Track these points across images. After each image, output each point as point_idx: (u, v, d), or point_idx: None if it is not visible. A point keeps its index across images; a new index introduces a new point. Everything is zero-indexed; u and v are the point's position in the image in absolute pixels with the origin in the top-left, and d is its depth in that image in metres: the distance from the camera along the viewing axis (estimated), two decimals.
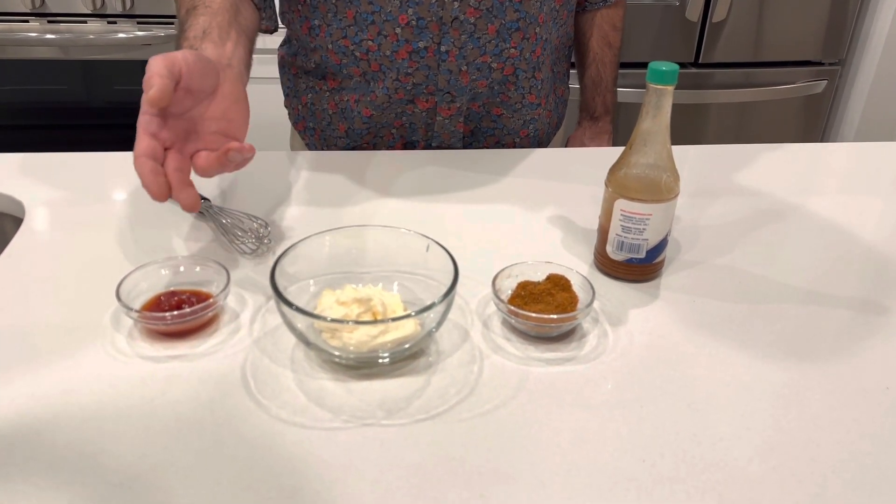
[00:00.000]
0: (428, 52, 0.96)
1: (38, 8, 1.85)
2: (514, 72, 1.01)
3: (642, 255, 0.73)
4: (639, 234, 0.72)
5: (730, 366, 0.64)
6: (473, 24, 0.95)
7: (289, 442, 0.55)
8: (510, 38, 0.98)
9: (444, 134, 1.05)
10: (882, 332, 0.69)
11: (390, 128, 1.05)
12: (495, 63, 0.99)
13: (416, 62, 0.97)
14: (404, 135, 1.06)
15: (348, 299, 0.63)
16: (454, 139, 1.06)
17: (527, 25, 0.98)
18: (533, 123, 1.09)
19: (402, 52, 0.96)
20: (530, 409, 0.59)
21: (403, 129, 1.05)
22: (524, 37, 0.99)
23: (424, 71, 0.98)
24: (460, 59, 0.97)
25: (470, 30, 0.95)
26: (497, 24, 0.96)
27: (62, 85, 1.99)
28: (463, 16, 0.94)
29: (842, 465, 0.54)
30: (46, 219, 0.84)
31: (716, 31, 2.02)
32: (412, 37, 0.95)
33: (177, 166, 0.64)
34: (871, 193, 0.98)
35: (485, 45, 0.97)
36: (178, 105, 0.65)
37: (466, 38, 0.96)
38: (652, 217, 0.71)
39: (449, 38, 0.95)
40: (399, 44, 0.96)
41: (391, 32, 0.95)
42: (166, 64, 0.62)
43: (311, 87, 1.07)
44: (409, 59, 0.97)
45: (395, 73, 0.98)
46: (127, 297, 0.65)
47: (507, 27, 0.97)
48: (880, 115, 2.20)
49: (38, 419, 0.56)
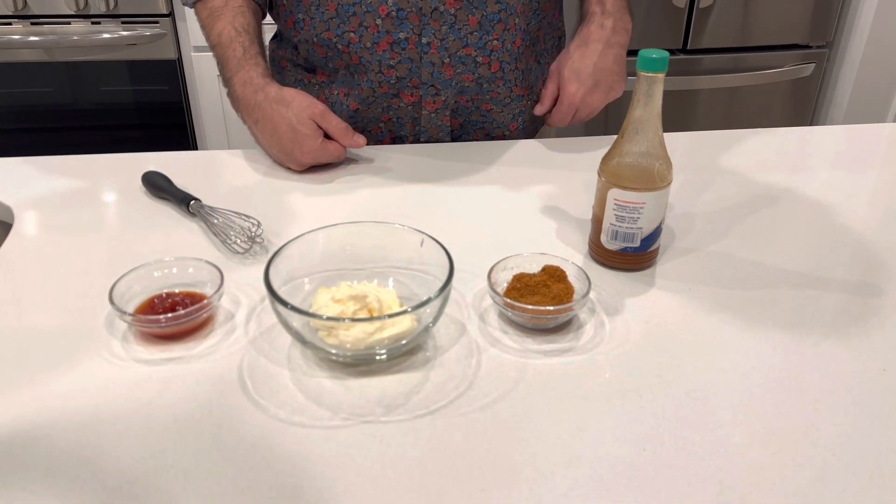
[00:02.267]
0: (409, 44, 0.96)
1: (21, 10, 1.83)
2: (501, 66, 1.01)
3: (637, 243, 0.73)
4: (633, 223, 0.72)
5: (727, 352, 0.64)
6: (454, 15, 0.95)
7: (288, 441, 0.54)
8: (492, 30, 0.98)
9: (432, 128, 1.04)
10: (877, 314, 0.70)
11: (377, 122, 1.05)
12: (480, 56, 0.99)
13: (398, 54, 0.97)
14: (392, 129, 1.05)
15: (344, 297, 0.63)
16: (442, 133, 1.05)
17: (508, 16, 0.98)
18: (521, 116, 1.08)
19: (384, 44, 0.96)
20: (529, 401, 0.59)
21: (391, 123, 1.05)
22: (505, 28, 0.99)
23: (407, 63, 0.98)
24: (442, 51, 0.97)
25: (450, 21, 0.95)
26: (478, 15, 0.96)
27: (48, 87, 1.97)
28: (443, 6, 0.94)
29: (842, 449, 0.55)
30: (36, 223, 0.83)
31: (703, 16, 2.02)
32: (393, 28, 0.95)
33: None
34: (861, 175, 0.98)
35: (466, 36, 0.96)
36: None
37: (447, 30, 0.95)
38: (646, 205, 0.71)
39: (430, 30, 0.95)
40: (380, 35, 0.95)
41: (372, 24, 0.95)
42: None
43: (300, 80, 1.07)
44: (390, 50, 0.96)
45: (378, 65, 0.98)
46: (120, 301, 0.65)
47: (488, 18, 0.97)
48: (869, 97, 2.21)
49: (35, 425, 0.55)
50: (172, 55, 1.94)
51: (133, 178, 0.91)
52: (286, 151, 0.93)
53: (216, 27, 0.98)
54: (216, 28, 0.98)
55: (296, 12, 1.00)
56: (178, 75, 1.98)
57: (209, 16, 0.99)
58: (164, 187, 0.87)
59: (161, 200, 0.87)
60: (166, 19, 1.90)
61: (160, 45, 1.92)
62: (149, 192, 0.89)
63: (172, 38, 1.92)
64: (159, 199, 0.88)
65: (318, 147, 0.92)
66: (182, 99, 2.01)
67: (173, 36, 1.93)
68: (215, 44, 0.98)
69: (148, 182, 0.89)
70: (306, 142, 0.92)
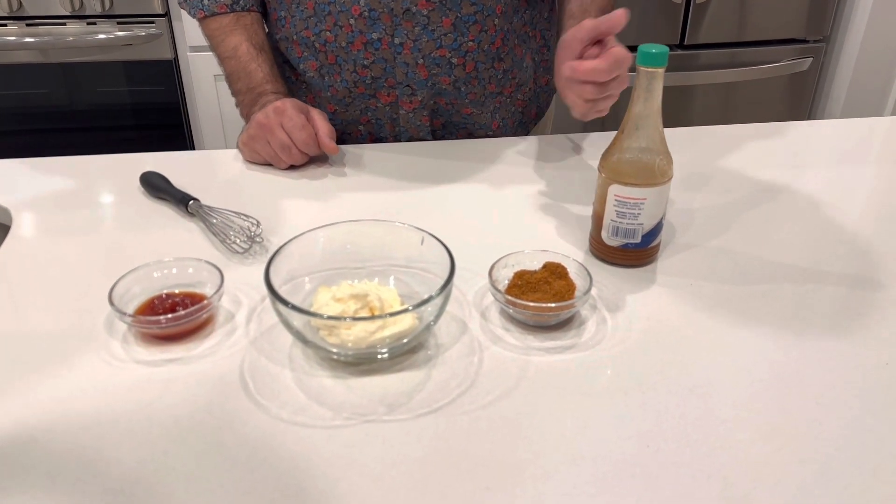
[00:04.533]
0: (382, 44, 0.96)
1: (16, 11, 1.83)
2: (476, 66, 1.01)
3: (638, 239, 0.73)
4: (634, 219, 0.72)
5: (729, 348, 0.64)
6: (427, 16, 0.95)
7: (290, 441, 0.54)
8: (468, 32, 0.97)
9: (411, 128, 1.04)
10: (878, 308, 0.69)
11: (357, 125, 1.06)
12: (455, 58, 0.98)
13: (372, 54, 0.97)
14: (371, 131, 1.06)
15: (344, 295, 0.63)
16: (422, 132, 1.05)
17: (484, 18, 0.97)
18: (499, 113, 1.08)
19: (357, 44, 0.97)
20: (532, 398, 0.58)
21: (370, 125, 1.05)
22: (482, 29, 0.98)
23: (381, 63, 0.98)
24: (415, 52, 0.97)
25: (423, 22, 0.95)
26: (452, 17, 0.95)
27: (44, 88, 1.97)
28: (415, 7, 0.94)
29: (845, 443, 0.54)
30: (34, 225, 0.83)
31: (700, 11, 2.01)
32: (366, 28, 0.95)
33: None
34: (859, 169, 0.98)
35: (440, 37, 0.96)
36: None
37: (420, 31, 0.95)
38: (646, 201, 0.71)
39: (402, 30, 0.95)
40: (354, 35, 0.96)
41: (346, 23, 0.95)
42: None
43: (287, 76, 1.07)
44: (364, 50, 0.97)
45: (353, 64, 0.98)
46: (120, 302, 0.64)
47: (463, 20, 0.96)
48: (866, 91, 2.20)
49: (35, 428, 0.55)
50: (169, 55, 1.93)
51: (131, 179, 0.91)
52: (271, 126, 0.92)
53: (228, 41, 1.00)
54: (229, 42, 1.00)
55: (278, 10, 1.02)
56: (174, 75, 1.97)
57: (219, 29, 1.02)
58: (163, 187, 0.87)
59: (159, 201, 0.87)
60: (162, 19, 1.89)
61: (156, 45, 1.91)
62: (147, 192, 0.88)
63: (168, 38, 1.92)
64: (158, 200, 0.87)
65: (302, 122, 0.91)
66: (179, 99, 2.01)
67: (169, 36, 1.92)
68: (228, 56, 1.00)
69: (146, 182, 0.88)
70: (292, 115, 0.91)
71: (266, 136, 0.92)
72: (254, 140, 0.94)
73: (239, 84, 1.00)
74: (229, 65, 1.01)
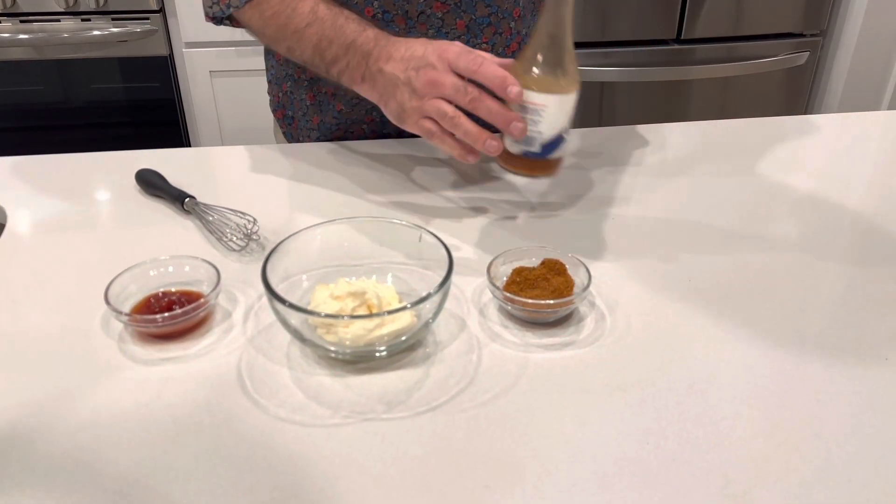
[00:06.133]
0: None
1: (10, 8, 1.82)
2: None
3: (537, 148, 0.72)
4: (534, 126, 0.71)
5: (729, 344, 0.64)
6: (441, 18, 0.94)
7: (289, 440, 0.54)
8: (481, 34, 0.96)
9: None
10: (878, 304, 0.69)
11: (361, 124, 1.04)
12: None
13: None
14: (375, 129, 1.05)
15: (342, 293, 0.62)
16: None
17: (499, 20, 0.97)
18: None
19: None
20: (531, 396, 0.58)
21: (374, 123, 1.04)
22: (496, 31, 0.97)
23: None
24: None
25: (437, 24, 0.94)
26: (466, 19, 0.95)
27: (38, 85, 1.96)
28: (430, 10, 0.93)
29: (845, 440, 0.54)
30: (29, 223, 0.82)
31: (696, 6, 2.01)
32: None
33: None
34: (857, 163, 0.98)
35: (454, 40, 0.95)
36: None
37: (434, 34, 0.94)
38: (546, 108, 0.70)
39: (416, 33, 0.93)
40: None
41: None
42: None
43: (290, 74, 1.06)
44: None
45: None
46: (116, 301, 0.64)
47: (477, 22, 0.95)
48: (863, 85, 2.20)
49: (32, 429, 0.55)
50: (164, 51, 1.93)
51: (126, 177, 0.90)
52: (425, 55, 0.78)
53: (300, 8, 0.86)
54: (301, 9, 0.86)
55: None
56: (169, 72, 1.96)
57: (281, 3, 0.87)
58: (158, 185, 0.86)
59: (155, 198, 0.87)
60: (157, 15, 1.88)
61: (151, 41, 1.91)
62: (142, 190, 0.88)
63: (163, 34, 1.91)
64: (153, 197, 0.87)
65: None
66: (174, 96, 2.00)
67: (164, 32, 1.91)
68: (308, 25, 0.86)
69: (141, 180, 0.88)
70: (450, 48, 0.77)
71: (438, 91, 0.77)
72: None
73: (331, 51, 0.84)
74: (310, 35, 0.85)
